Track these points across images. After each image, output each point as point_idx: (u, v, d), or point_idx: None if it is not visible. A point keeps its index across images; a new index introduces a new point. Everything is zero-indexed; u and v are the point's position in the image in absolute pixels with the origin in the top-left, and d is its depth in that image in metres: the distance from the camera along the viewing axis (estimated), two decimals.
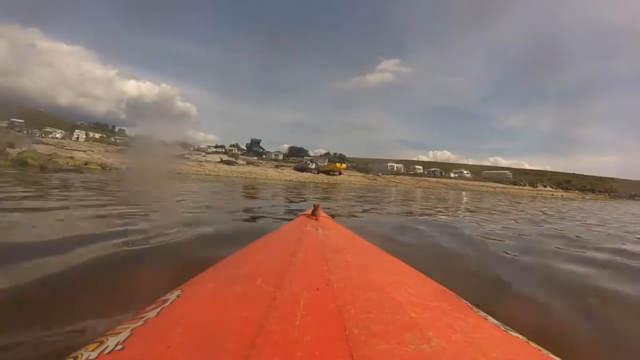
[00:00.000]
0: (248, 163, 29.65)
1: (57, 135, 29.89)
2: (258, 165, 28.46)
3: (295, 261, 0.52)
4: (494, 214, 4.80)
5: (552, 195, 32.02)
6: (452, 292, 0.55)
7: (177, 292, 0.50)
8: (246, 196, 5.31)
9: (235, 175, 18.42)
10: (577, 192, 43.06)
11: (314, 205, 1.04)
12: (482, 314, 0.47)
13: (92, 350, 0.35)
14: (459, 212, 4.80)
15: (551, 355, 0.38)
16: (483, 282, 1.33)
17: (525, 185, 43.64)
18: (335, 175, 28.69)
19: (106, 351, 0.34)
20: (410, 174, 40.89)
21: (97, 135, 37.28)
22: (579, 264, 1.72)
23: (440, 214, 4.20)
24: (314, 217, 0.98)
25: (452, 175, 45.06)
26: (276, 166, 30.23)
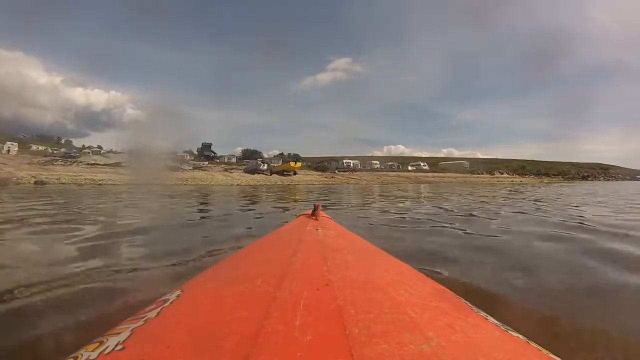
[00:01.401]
0: (194, 168, 27.11)
1: None
2: (205, 170, 26.14)
3: (295, 261, 0.52)
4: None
5: (511, 181, 31.37)
6: (452, 292, 0.55)
7: (177, 292, 0.50)
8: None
9: (172, 182, 15.57)
10: (532, 176, 43.18)
11: (314, 205, 1.04)
12: (482, 314, 0.47)
13: (92, 351, 0.35)
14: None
15: (551, 355, 0.38)
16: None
17: (483, 173, 43.32)
18: (290, 175, 26.55)
19: (106, 351, 0.34)
20: (368, 170, 39.44)
21: (42, 148, 33.88)
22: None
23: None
24: (314, 217, 0.98)
25: (409, 168, 44.04)
26: (225, 169, 27.61)
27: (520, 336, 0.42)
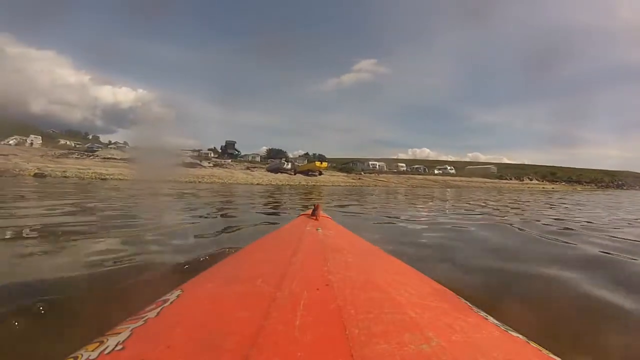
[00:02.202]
0: (215, 165, 25.76)
1: (11, 142, 27.21)
2: (227, 168, 24.75)
3: (295, 261, 0.52)
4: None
5: (543, 188, 29.73)
6: (452, 292, 0.55)
7: (177, 292, 0.50)
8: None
9: (186, 180, 14.30)
10: (563, 183, 41.72)
11: (314, 205, 1.04)
12: (482, 314, 0.47)
13: (92, 351, 0.35)
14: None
15: (551, 355, 0.38)
16: None
17: (511, 178, 41.72)
18: (315, 175, 24.60)
19: (106, 351, 0.34)
20: (394, 172, 38.46)
21: (69, 142, 34.81)
22: None
23: None
24: (314, 217, 0.98)
25: (436, 171, 43.20)
26: (247, 168, 26.06)
27: (520, 336, 0.42)
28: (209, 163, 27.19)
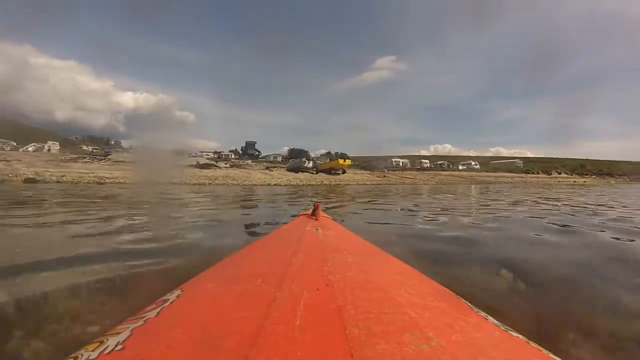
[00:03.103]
0: (231, 166, 24.45)
1: (30, 149, 27.77)
2: (244, 168, 23.39)
3: (295, 261, 0.52)
4: None
5: (574, 182, 27.06)
6: (452, 292, 0.55)
7: (177, 292, 0.50)
8: None
9: (196, 182, 12.97)
10: (594, 177, 38.97)
11: (314, 205, 1.04)
12: (482, 314, 0.47)
13: (92, 350, 0.35)
14: None
15: (551, 355, 0.38)
16: None
17: (539, 172, 39.31)
18: (339, 174, 22.95)
19: (106, 351, 0.34)
20: (418, 169, 36.61)
21: (90, 148, 34.95)
22: None
23: None
24: (314, 217, 0.98)
25: (460, 167, 41.52)
26: (267, 168, 24.53)
27: (520, 336, 0.42)
28: (225, 164, 25.94)
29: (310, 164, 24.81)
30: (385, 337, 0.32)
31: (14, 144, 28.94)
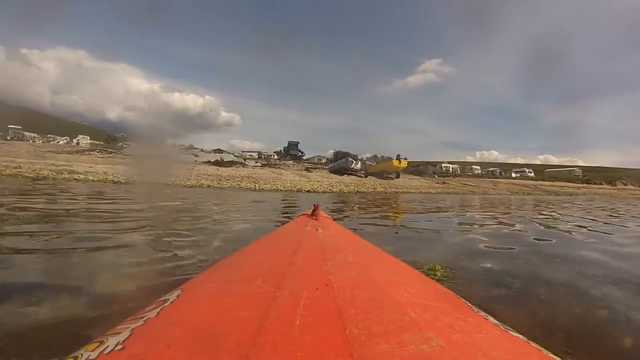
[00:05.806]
0: (263, 165, 20.85)
1: (61, 142, 29.82)
2: (277, 167, 19.75)
3: (295, 261, 0.52)
4: None
5: None
6: (452, 292, 0.55)
7: (177, 292, 0.50)
8: None
9: (195, 181, 9.97)
10: None
11: (314, 205, 1.03)
12: (482, 314, 0.47)
13: (92, 350, 0.35)
14: None
15: (551, 355, 0.38)
16: None
17: (602, 183, 34.75)
18: (392, 178, 19.07)
19: (106, 351, 0.34)
20: (469, 175, 33.40)
21: (120, 144, 37.59)
22: None
23: None
24: (314, 217, 0.98)
25: (513, 174, 38.30)
26: (306, 169, 20.60)
27: (520, 336, 0.42)
28: (256, 162, 23.64)
29: (359, 165, 21.05)
30: (385, 337, 0.32)
31: (66, 138, 31.41)
